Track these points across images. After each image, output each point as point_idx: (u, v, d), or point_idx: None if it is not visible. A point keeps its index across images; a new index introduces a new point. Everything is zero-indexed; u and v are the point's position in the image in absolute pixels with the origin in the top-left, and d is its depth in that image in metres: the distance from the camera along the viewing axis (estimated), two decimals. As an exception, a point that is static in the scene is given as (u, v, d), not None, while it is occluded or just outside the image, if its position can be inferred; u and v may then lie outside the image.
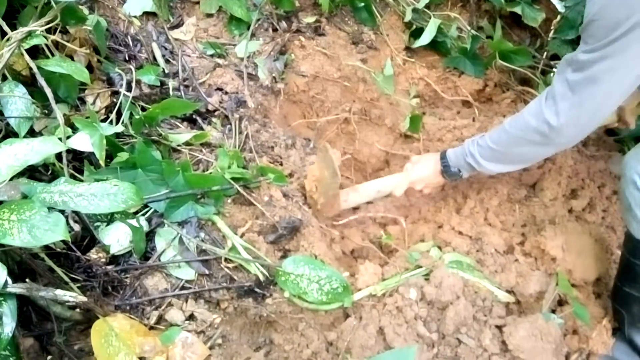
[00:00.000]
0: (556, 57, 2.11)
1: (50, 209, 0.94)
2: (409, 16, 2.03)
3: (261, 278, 1.22)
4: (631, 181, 1.24)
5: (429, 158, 1.56)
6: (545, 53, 2.11)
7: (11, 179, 0.96)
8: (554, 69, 2.08)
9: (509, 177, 1.70)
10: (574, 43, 2.10)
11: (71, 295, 0.95)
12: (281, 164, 1.56)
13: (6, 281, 0.90)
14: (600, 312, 1.46)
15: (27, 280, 0.93)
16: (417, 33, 2.04)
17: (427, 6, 2.05)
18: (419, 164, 1.56)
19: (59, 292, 0.94)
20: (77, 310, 1.07)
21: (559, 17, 2.08)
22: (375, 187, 1.58)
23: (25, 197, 1.04)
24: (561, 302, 1.40)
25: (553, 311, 1.37)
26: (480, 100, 2.07)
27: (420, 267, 1.40)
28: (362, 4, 1.99)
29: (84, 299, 0.97)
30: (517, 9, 2.07)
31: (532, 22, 2.06)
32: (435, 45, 2.07)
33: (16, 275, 1.01)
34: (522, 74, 2.07)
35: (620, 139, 1.90)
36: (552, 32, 2.09)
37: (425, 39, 1.98)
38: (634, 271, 1.29)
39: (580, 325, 1.36)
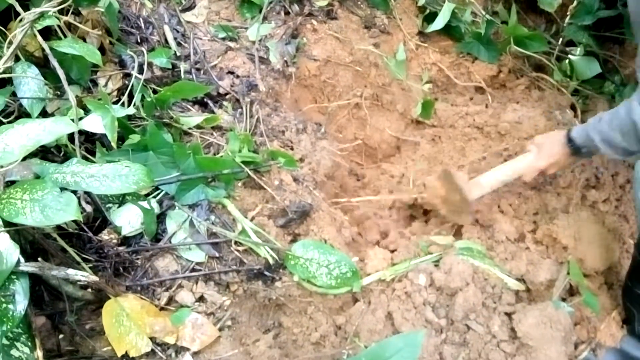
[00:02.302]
0: (572, 43, 2.08)
1: (62, 189, 0.94)
2: (422, 0, 2.01)
3: (271, 261, 1.23)
4: None
5: (555, 141, 1.46)
6: (560, 39, 2.08)
7: (24, 159, 0.97)
8: (570, 55, 2.05)
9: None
10: (590, 29, 2.06)
11: (83, 275, 0.96)
12: (292, 149, 1.56)
13: (19, 260, 0.91)
14: (611, 302, 1.45)
15: (39, 259, 0.94)
16: (430, 17, 2.01)
17: (442, -11, 2.03)
18: (545, 148, 1.47)
19: (71, 272, 0.95)
20: (89, 290, 1.08)
21: (575, 2, 2.05)
22: (499, 177, 1.51)
23: (37, 177, 1.05)
24: (572, 291, 1.40)
25: (563, 300, 1.36)
26: (493, 86, 2.04)
27: (431, 253, 1.40)
28: (376, -12, 1.97)
29: (96, 278, 0.98)
30: (533, -6, 2.03)
31: (548, 7, 2.03)
32: (448, 30, 2.05)
33: (28, 255, 1.01)
34: (537, 60, 2.04)
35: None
36: (568, 17, 2.06)
37: (439, 23, 1.96)
38: None
39: (590, 315, 1.35)
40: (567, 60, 2.04)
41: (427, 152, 1.88)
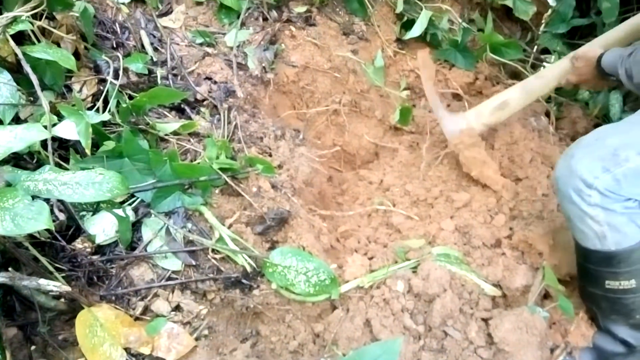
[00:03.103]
0: (546, 51, 2.12)
1: (34, 197, 0.92)
2: (400, 7, 2.02)
3: (248, 269, 1.22)
4: (566, 195, 1.24)
5: (589, 62, 1.53)
6: (535, 47, 2.12)
7: (-6, 167, 0.95)
8: (545, 63, 2.08)
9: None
10: (565, 37, 2.11)
11: (55, 285, 0.94)
12: (270, 155, 1.55)
13: (-12, 270, 0.89)
14: (580, 304, 1.47)
15: (10, 269, 0.91)
16: (408, 25, 2.03)
17: (419, -2, 2.05)
18: (580, 66, 1.56)
19: (43, 282, 0.93)
20: (62, 300, 1.06)
21: (550, 10, 2.09)
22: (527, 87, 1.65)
23: (9, 185, 1.03)
24: (547, 297, 1.41)
25: (539, 305, 1.37)
26: (470, 93, 2.06)
27: (408, 259, 1.40)
28: (354, -5, 1.98)
29: (68, 288, 0.96)
30: (509, 2, 2.07)
31: (523, 16, 2.06)
32: (426, 38, 2.07)
33: (-1, 265, 0.99)
34: (513, 67, 2.07)
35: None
36: (542, 25, 2.10)
37: (417, 30, 1.97)
38: (590, 273, 1.30)
39: (563, 319, 1.37)
40: (542, 68, 2.07)
41: (405, 158, 1.89)
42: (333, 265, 1.35)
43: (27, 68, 1.28)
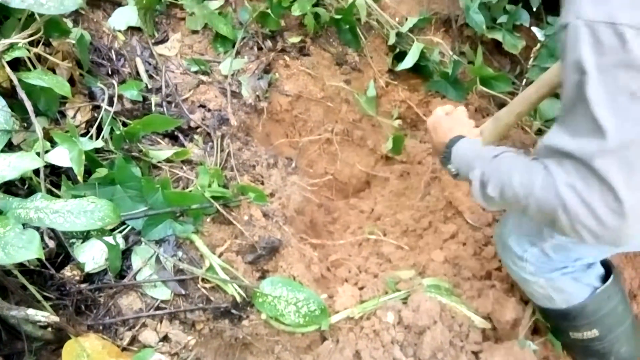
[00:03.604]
0: (535, 84, 2.15)
1: (25, 225, 0.92)
2: (392, 39, 2.06)
3: (238, 299, 1.21)
4: (505, 263, 1.27)
5: (441, 132, 1.28)
6: (524, 80, 2.15)
7: (-14, 194, 0.94)
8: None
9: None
10: (553, 71, 2.14)
11: (43, 315, 0.93)
12: (262, 183, 1.56)
13: (-24, 299, 0.88)
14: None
15: (-3, 299, 0.91)
16: (400, 56, 2.06)
17: (411, 30, 2.08)
18: (448, 123, 1.30)
19: (31, 312, 0.92)
20: (49, 329, 1.05)
21: (538, 45, 2.13)
22: None
23: (0, 212, 1.02)
24: (537, 330, 1.41)
25: (529, 339, 1.37)
26: (461, 124, 2.09)
27: (399, 290, 1.41)
28: (347, 26, 2.01)
29: (57, 319, 0.95)
30: (498, 36, 2.11)
31: (512, 50, 2.11)
32: (417, 69, 2.10)
33: (-14, 292, 0.98)
34: (502, 99, 2.10)
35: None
36: (531, 59, 2.14)
37: (409, 62, 2.01)
38: (552, 327, 1.33)
39: (553, 353, 1.37)
40: (530, 100, 2.11)
41: (396, 187, 1.91)
42: (323, 295, 1.35)
43: (22, 94, 1.28)
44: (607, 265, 1.25)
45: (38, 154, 1.17)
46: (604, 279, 1.22)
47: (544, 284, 1.20)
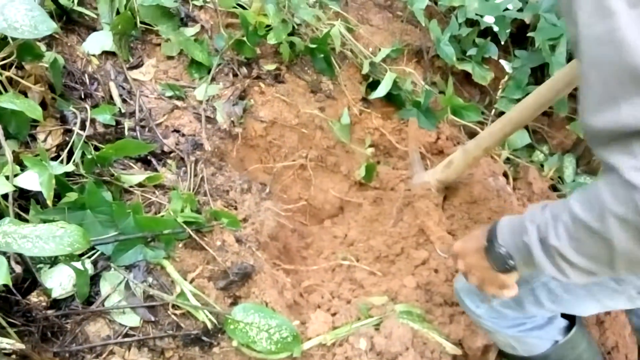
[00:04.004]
0: (503, 114, 2.22)
1: (-9, 250, 0.90)
2: (366, 69, 2.10)
3: (209, 326, 1.20)
4: (467, 312, 1.27)
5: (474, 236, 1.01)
6: (493, 110, 2.22)
7: (-50, 218, 0.92)
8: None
9: (459, 229, 1.75)
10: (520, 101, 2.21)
11: (8, 343, 0.91)
12: (235, 208, 1.56)
13: (-64, 327, 0.85)
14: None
15: (-41, 326, 0.88)
16: (373, 85, 2.10)
17: (384, 60, 2.14)
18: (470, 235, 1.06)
19: (-6, 339, 0.90)
20: (13, 356, 1.02)
21: (506, 77, 2.20)
22: None
23: (-36, 237, 1.00)
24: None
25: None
26: (432, 152, 2.13)
27: (371, 316, 1.41)
28: (322, 55, 2.05)
29: (22, 346, 0.93)
30: (468, 67, 2.18)
31: (481, 81, 2.17)
32: (390, 98, 2.14)
33: (-52, 319, 0.95)
34: (472, 129, 2.16)
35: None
36: (500, 90, 2.21)
37: (382, 91, 2.05)
38: None
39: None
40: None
41: (369, 213, 1.92)
42: (296, 322, 1.34)
43: (-8, 117, 1.27)
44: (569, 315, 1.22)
45: (7, 177, 1.15)
46: (568, 329, 1.22)
47: (503, 337, 1.22)
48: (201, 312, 1.21)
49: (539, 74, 2.27)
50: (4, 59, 1.35)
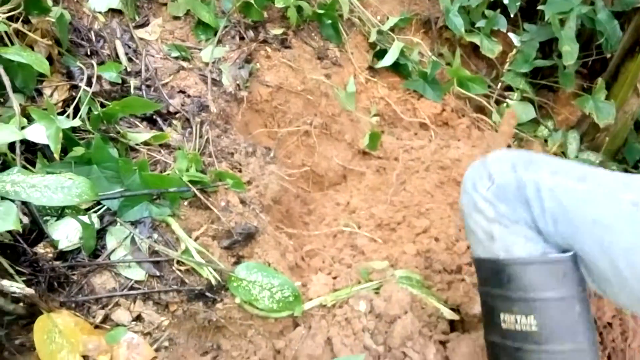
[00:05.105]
0: (510, 88, 2.22)
1: (1, 198, 0.91)
2: (373, 37, 2.09)
3: (213, 282, 1.22)
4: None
5: None
6: (500, 83, 2.21)
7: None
8: (507, 99, 2.18)
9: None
10: (527, 76, 2.21)
11: (18, 287, 0.92)
12: (240, 171, 1.57)
13: (-53, 269, 0.86)
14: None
15: (-30, 269, 0.90)
16: (380, 54, 2.09)
17: (392, 29, 2.12)
18: None
19: (6, 283, 0.91)
20: (21, 304, 1.03)
21: (514, 50, 2.19)
22: None
23: (-26, 184, 1.01)
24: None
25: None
26: (437, 123, 2.13)
27: (371, 280, 1.43)
28: (329, 21, 2.03)
29: (31, 291, 0.94)
30: (476, 40, 2.17)
31: (489, 53, 2.16)
32: (397, 67, 2.13)
33: (-43, 265, 0.97)
34: (478, 101, 2.16)
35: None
36: (507, 64, 2.20)
37: (388, 60, 2.04)
38: (484, 304, 1.10)
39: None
40: (505, 104, 2.17)
41: (372, 182, 1.93)
42: (297, 283, 1.36)
43: (0, 69, 1.27)
44: None
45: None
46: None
47: (488, 224, 1.04)
48: (205, 269, 1.22)
49: (547, 48, 2.25)
50: (10, 10, 1.34)
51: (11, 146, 1.21)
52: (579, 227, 0.92)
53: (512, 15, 2.21)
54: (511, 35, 2.24)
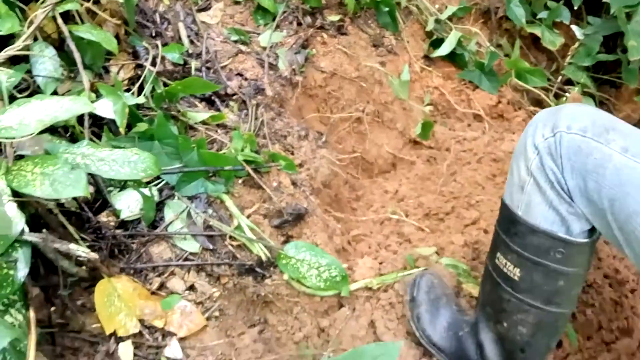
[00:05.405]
0: (570, 82, 2.16)
1: (71, 168, 0.97)
2: (430, 26, 2.07)
3: (263, 259, 1.26)
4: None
5: None
6: (560, 77, 2.16)
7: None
8: (567, 93, 2.12)
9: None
10: (589, 70, 2.14)
11: (84, 251, 0.98)
12: (292, 153, 1.60)
13: (23, 229, 0.93)
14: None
15: (44, 230, 0.96)
16: (437, 43, 2.08)
17: (450, 18, 2.10)
18: None
19: (73, 247, 0.97)
20: (84, 267, 1.10)
21: (577, 43, 2.13)
22: None
23: (47, 153, 1.08)
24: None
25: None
26: (491, 115, 2.10)
27: (418, 267, 1.44)
28: (387, 9, 2.03)
29: (95, 256, 1.00)
30: (537, 31, 2.11)
31: (550, 46, 2.11)
32: (453, 57, 2.11)
33: (29, 227, 1.04)
34: (536, 94, 2.11)
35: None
36: (568, 57, 2.14)
37: (445, 49, 2.02)
38: (494, 238, 1.12)
39: (568, 344, 1.39)
40: (564, 98, 2.11)
41: (422, 171, 1.93)
42: (344, 265, 1.38)
43: (72, 46, 1.34)
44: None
45: (84, 102, 1.22)
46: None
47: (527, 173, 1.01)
48: (256, 245, 1.26)
49: (611, 43, 2.18)
50: (84, -10, 1.41)
51: (79, 119, 1.28)
52: (634, 215, 0.87)
53: (575, 7, 2.14)
54: (574, 27, 2.17)
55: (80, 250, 0.98)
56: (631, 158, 0.87)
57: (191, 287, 1.20)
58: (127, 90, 1.45)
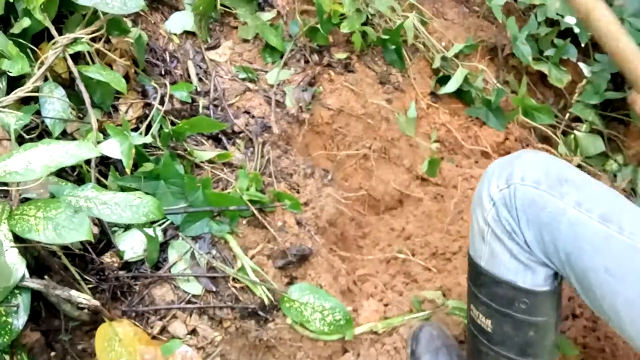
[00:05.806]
0: (578, 119, 2.15)
1: (74, 211, 0.97)
2: (437, 63, 2.08)
3: (266, 302, 1.24)
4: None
5: None
6: (567, 114, 2.15)
7: (42, 178, 1.00)
8: (575, 131, 2.11)
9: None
10: (597, 108, 2.13)
11: (85, 298, 0.98)
12: (298, 192, 1.60)
13: (24, 275, 0.93)
14: None
15: (45, 277, 0.96)
16: (443, 80, 2.08)
17: (456, 55, 2.11)
18: None
19: (74, 293, 0.97)
20: (86, 311, 1.10)
21: (584, 81, 2.12)
22: None
23: (52, 196, 1.08)
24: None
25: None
26: (499, 152, 2.09)
27: (423, 310, 1.41)
28: (393, 47, 2.04)
29: (97, 303, 1.00)
30: (544, 68, 2.11)
31: (557, 83, 2.10)
32: (460, 94, 2.11)
33: (32, 269, 1.04)
34: (543, 131, 2.10)
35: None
36: (576, 94, 2.13)
37: (452, 86, 2.03)
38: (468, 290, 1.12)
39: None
40: (572, 136, 2.10)
41: (429, 209, 1.91)
42: (348, 308, 1.37)
43: (81, 86, 1.36)
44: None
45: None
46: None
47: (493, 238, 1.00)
48: (259, 287, 1.25)
49: (619, 80, 2.17)
50: (94, 32, 1.44)
51: (88, 160, 1.29)
52: (589, 271, 0.87)
53: (582, 45, 2.14)
54: (581, 65, 2.17)
55: (82, 297, 0.98)
56: (585, 213, 0.87)
57: (193, 331, 1.19)
58: (136, 129, 1.47)
